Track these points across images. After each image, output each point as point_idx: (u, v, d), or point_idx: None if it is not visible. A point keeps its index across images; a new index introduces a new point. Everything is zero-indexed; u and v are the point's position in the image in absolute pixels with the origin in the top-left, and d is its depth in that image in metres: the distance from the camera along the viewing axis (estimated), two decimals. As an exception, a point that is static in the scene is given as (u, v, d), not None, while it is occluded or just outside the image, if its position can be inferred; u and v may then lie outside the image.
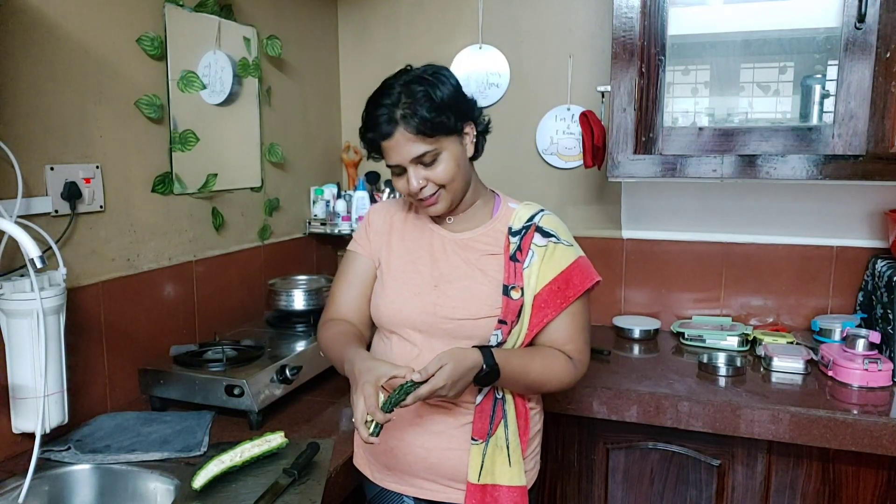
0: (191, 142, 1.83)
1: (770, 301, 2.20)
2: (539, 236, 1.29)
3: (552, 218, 1.34)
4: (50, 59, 1.44)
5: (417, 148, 1.21)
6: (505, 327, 1.25)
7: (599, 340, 2.12)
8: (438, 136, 1.22)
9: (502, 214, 1.34)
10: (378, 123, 1.22)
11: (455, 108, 1.24)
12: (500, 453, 1.26)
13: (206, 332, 1.90)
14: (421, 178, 1.23)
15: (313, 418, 1.59)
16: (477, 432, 1.26)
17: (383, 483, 1.35)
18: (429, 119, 1.19)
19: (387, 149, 1.24)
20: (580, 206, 2.36)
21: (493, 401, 1.27)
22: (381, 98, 1.23)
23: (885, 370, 1.71)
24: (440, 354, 1.13)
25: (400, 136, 1.20)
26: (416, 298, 1.29)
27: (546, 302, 1.27)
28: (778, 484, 1.70)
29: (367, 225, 1.42)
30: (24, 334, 1.29)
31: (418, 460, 1.29)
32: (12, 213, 1.33)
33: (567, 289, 1.27)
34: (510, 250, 1.29)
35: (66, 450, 1.36)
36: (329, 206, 2.42)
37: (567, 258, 1.29)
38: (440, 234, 1.35)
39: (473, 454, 1.25)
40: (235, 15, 2.00)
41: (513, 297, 1.26)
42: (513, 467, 1.27)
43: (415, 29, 2.48)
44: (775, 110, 2.12)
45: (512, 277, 1.27)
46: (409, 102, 1.20)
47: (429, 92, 1.21)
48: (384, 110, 1.21)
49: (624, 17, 1.88)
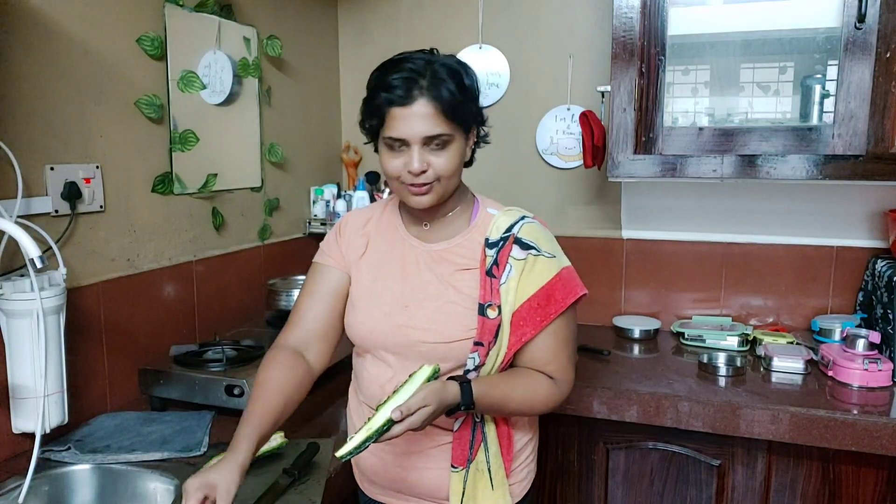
0: (191, 142, 1.83)
1: (770, 301, 2.20)
2: (518, 249, 1.18)
3: (533, 227, 1.21)
4: (50, 59, 1.44)
5: (435, 126, 1.10)
6: (482, 349, 1.16)
7: (599, 340, 2.12)
8: (457, 122, 1.13)
9: (480, 222, 1.23)
10: (396, 86, 1.10)
11: (475, 105, 1.18)
12: (481, 477, 1.20)
13: (206, 332, 1.90)
14: (424, 161, 1.12)
15: (313, 418, 1.59)
16: (456, 459, 1.19)
17: (373, 495, 1.33)
18: (458, 99, 1.10)
19: (397, 117, 1.11)
20: (580, 206, 2.36)
21: (471, 426, 1.20)
22: (404, 63, 1.12)
23: (885, 370, 1.71)
24: (422, 393, 1.03)
25: (420, 106, 1.09)
26: (387, 319, 1.20)
27: (525, 319, 1.16)
28: (778, 484, 1.70)
29: (337, 235, 1.31)
30: (24, 334, 1.29)
31: (398, 479, 1.26)
32: (12, 213, 1.33)
33: (548, 305, 1.17)
34: (486, 264, 1.18)
35: (66, 450, 1.36)
36: (329, 206, 2.42)
37: (549, 272, 1.18)
38: (412, 245, 1.24)
39: (454, 481, 1.19)
40: (235, 15, 2.00)
41: (489, 317, 1.15)
42: (496, 490, 1.20)
43: (415, 29, 2.48)
44: (775, 110, 2.12)
45: (488, 295, 1.16)
46: (437, 76, 1.10)
47: (460, 74, 1.13)
48: (408, 74, 1.09)
49: (624, 17, 1.88)
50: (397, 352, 1.21)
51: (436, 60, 1.14)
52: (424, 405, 1.03)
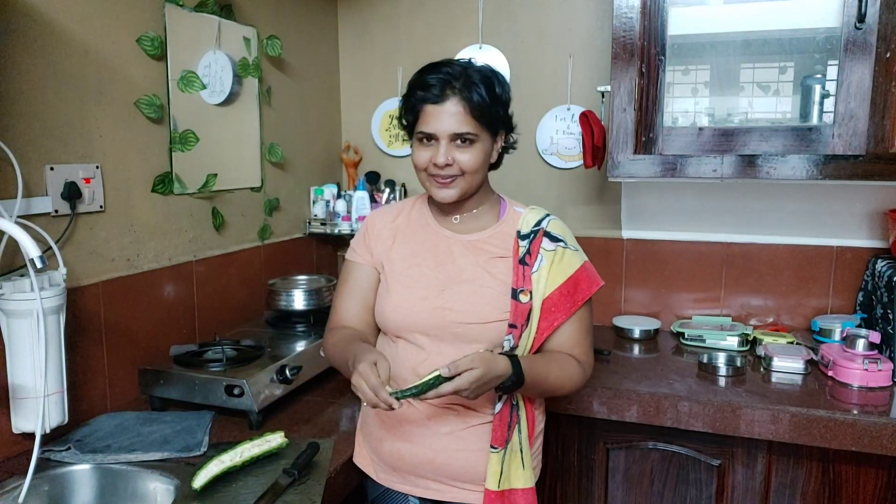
0: (191, 142, 1.83)
1: (770, 301, 2.20)
2: (548, 241, 1.30)
3: (558, 223, 1.35)
4: (50, 59, 1.44)
5: (463, 125, 1.22)
6: (516, 331, 1.25)
7: (599, 340, 2.12)
8: (483, 124, 1.24)
9: (509, 218, 1.35)
10: (433, 85, 1.22)
11: (503, 110, 1.28)
12: (515, 458, 1.28)
13: (206, 332, 1.90)
14: (450, 156, 1.23)
15: (313, 418, 1.59)
16: (497, 440, 1.26)
17: (388, 483, 1.35)
18: (487, 102, 1.22)
19: (430, 113, 1.23)
20: (580, 206, 2.36)
21: (510, 408, 1.27)
22: (442, 67, 1.24)
23: (885, 370, 1.71)
24: (472, 356, 1.11)
25: (451, 105, 1.21)
26: (423, 303, 1.28)
27: (556, 306, 1.27)
28: (778, 484, 1.70)
29: (365, 232, 1.40)
30: (24, 334, 1.29)
31: (426, 462, 1.29)
32: (12, 213, 1.33)
33: (576, 293, 1.29)
34: (519, 253, 1.29)
35: (66, 450, 1.36)
36: (329, 206, 2.42)
37: (575, 263, 1.31)
38: (445, 235, 1.34)
39: (493, 461, 1.25)
40: (235, 15, 2.00)
41: (521, 301, 1.26)
42: (525, 469, 1.28)
43: (415, 29, 2.48)
44: (775, 110, 2.12)
45: (521, 281, 1.27)
46: (470, 81, 1.22)
47: (493, 82, 1.25)
48: (444, 76, 1.22)
49: (624, 17, 1.88)
50: (432, 333, 1.28)
51: (471, 67, 1.26)
52: (472, 367, 1.10)
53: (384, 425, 1.33)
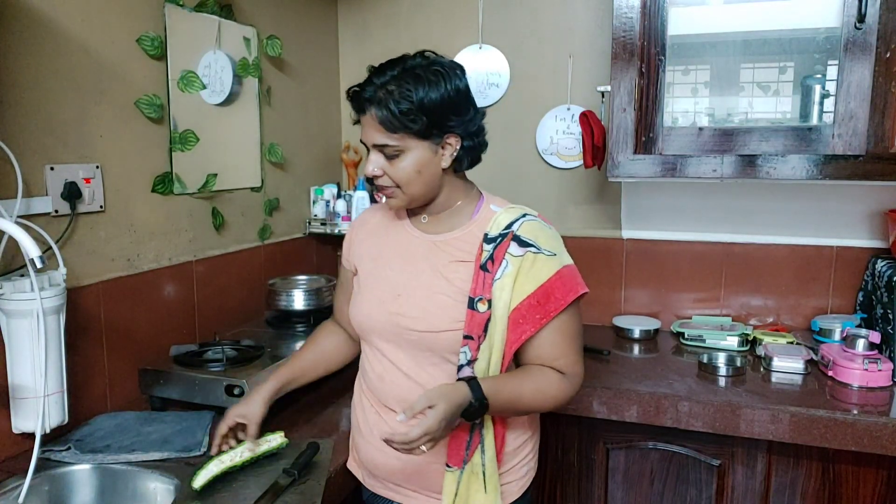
0: (191, 142, 1.83)
1: (770, 301, 2.20)
2: (515, 246, 1.19)
3: (534, 224, 1.22)
4: (50, 59, 1.44)
5: (379, 137, 1.17)
6: (472, 343, 1.17)
7: (599, 340, 2.12)
8: (402, 134, 1.16)
9: (482, 217, 1.25)
10: (356, 97, 1.19)
11: (436, 114, 1.16)
12: (475, 480, 1.20)
13: (206, 332, 1.90)
14: (378, 166, 1.19)
15: (313, 418, 1.59)
16: (451, 458, 1.20)
17: (373, 488, 1.35)
18: (395, 116, 1.14)
19: (362, 123, 1.20)
20: (580, 206, 2.36)
21: (469, 427, 1.19)
22: (374, 74, 1.18)
23: (885, 370, 1.71)
24: (426, 393, 1.06)
25: (369, 117, 1.17)
26: (380, 307, 1.25)
27: (525, 317, 1.17)
28: (778, 484, 1.70)
29: (348, 237, 1.41)
30: (24, 334, 1.29)
31: (396, 471, 1.27)
32: (12, 213, 1.33)
33: (547, 303, 1.17)
34: (482, 259, 1.19)
35: (66, 450, 1.36)
36: (329, 206, 2.42)
37: (548, 270, 1.19)
38: (414, 235, 1.29)
39: (448, 481, 1.20)
40: (235, 15, 2.00)
41: (479, 310, 1.16)
42: (489, 494, 1.20)
43: (415, 29, 2.48)
44: (775, 110, 2.12)
45: (479, 289, 1.17)
46: (389, 91, 1.14)
47: (411, 89, 1.14)
48: (367, 87, 1.17)
49: (624, 17, 1.88)
50: (390, 339, 1.25)
51: (406, 69, 1.16)
52: (430, 405, 1.04)
53: (360, 433, 1.33)
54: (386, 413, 1.27)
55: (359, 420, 1.34)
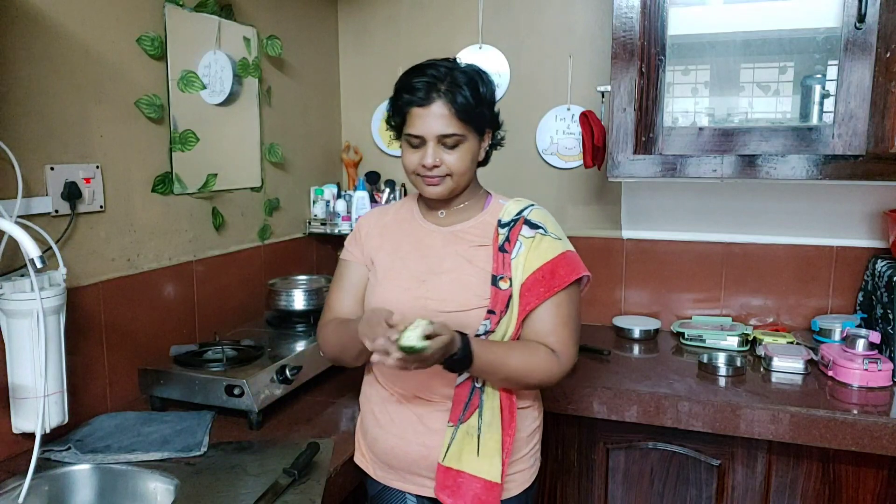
0: (191, 142, 1.83)
1: (770, 301, 2.20)
2: (527, 228, 1.30)
3: (541, 212, 1.35)
4: (50, 59, 1.44)
5: (449, 126, 1.24)
6: (494, 317, 1.26)
7: (599, 340, 2.12)
8: (470, 125, 1.25)
9: (492, 209, 1.36)
10: (418, 88, 1.24)
11: (489, 110, 1.30)
12: (469, 441, 1.26)
13: (206, 332, 1.90)
14: (437, 157, 1.26)
15: (313, 418, 1.59)
16: (450, 416, 1.27)
17: (385, 481, 1.36)
18: (471, 104, 1.23)
19: (417, 116, 1.25)
20: (580, 206, 2.36)
21: (469, 388, 1.27)
22: (427, 69, 1.26)
23: (885, 370, 1.71)
24: (441, 323, 1.13)
25: (437, 107, 1.23)
26: (406, 293, 1.31)
27: (530, 290, 1.27)
28: (778, 484, 1.70)
29: (356, 232, 1.45)
30: (24, 334, 1.29)
31: (419, 458, 1.29)
32: (12, 213, 1.33)
33: (552, 279, 1.27)
34: (499, 241, 1.30)
35: (66, 450, 1.36)
36: (329, 206, 2.42)
37: (554, 250, 1.29)
38: (428, 229, 1.37)
39: (446, 435, 1.27)
40: (235, 15, 2.00)
41: (501, 287, 1.26)
42: (481, 458, 1.25)
43: (415, 29, 2.48)
44: (775, 110, 2.12)
45: (500, 268, 1.28)
46: (455, 83, 1.23)
47: (476, 83, 1.26)
48: (429, 79, 1.24)
49: (624, 17, 1.88)
50: None
51: (456, 68, 1.27)
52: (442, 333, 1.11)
53: (378, 424, 1.34)
54: (409, 400, 1.31)
55: (376, 412, 1.36)
